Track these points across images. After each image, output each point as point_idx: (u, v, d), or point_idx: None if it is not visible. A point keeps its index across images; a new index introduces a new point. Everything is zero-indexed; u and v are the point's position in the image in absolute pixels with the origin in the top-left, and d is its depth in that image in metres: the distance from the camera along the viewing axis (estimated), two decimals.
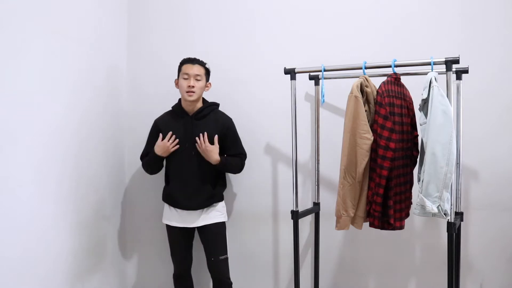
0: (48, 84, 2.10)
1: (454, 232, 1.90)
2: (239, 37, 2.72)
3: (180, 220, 2.41)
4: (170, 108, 2.50)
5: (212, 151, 2.31)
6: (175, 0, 2.84)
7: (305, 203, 2.59)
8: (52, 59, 2.13)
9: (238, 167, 2.46)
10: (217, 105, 2.48)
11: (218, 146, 2.33)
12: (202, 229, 2.41)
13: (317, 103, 2.50)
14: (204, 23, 2.78)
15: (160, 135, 2.37)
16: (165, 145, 2.34)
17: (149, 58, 2.87)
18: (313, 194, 2.59)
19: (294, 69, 2.28)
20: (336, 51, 2.54)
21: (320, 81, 2.24)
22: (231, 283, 2.44)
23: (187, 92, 2.32)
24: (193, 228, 2.45)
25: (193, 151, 2.35)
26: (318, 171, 2.50)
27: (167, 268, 2.77)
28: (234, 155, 2.44)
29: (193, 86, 2.31)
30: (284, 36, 2.65)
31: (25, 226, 1.94)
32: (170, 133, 2.36)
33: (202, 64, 2.38)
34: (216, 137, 2.35)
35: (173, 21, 2.83)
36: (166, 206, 2.48)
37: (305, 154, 2.61)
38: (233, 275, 2.52)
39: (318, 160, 2.50)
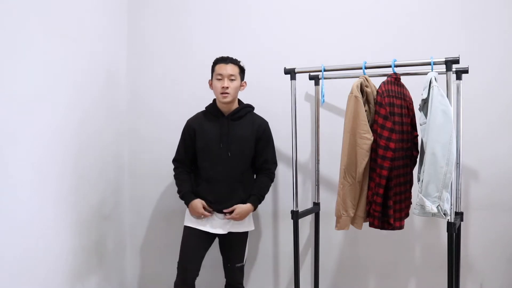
0: (48, 84, 2.10)
1: (454, 232, 1.90)
2: (239, 37, 2.72)
3: (207, 224, 2.27)
4: (204, 109, 2.39)
5: (243, 214, 2.24)
6: (175, 0, 2.84)
7: (305, 203, 2.59)
8: (52, 59, 2.13)
9: (269, 186, 2.37)
10: (252, 107, 2.40)
11: (243, 206, 2.25)
12: (227, 236, 2.29)
13: (317, 103, 2.50)
14: (204, 23, 2.78)
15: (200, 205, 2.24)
16: (199, 212, 2.24)
17: (149, 58, 2.87)
18: (313, 194, 2.59)
19: (294, 69, 2.28)
20: (336, 51, 2.54)
21: (320, 81, 2.24)
22: (241, 287, 2.38)
23: (221, 93, 2.23)
24: (215, 235, 2.32)
25: (228, 152, 2.25)
26: (318, 171, 2.50)
27: (167, 268, 2.76)
28: (261, 166, 2.33)
29: (227, 87, 2.22)
30: (284, 36, 2.65)
31: (25, 226, 1.94)
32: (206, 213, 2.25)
33: (236, 62, 2.29)
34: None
35: (173, 21, 2.83)
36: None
37: (305, 154, 2.61)
38: None
39: (318, 160, 2.50)
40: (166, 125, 2.78)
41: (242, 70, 2.33)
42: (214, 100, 2.37)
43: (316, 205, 2.51)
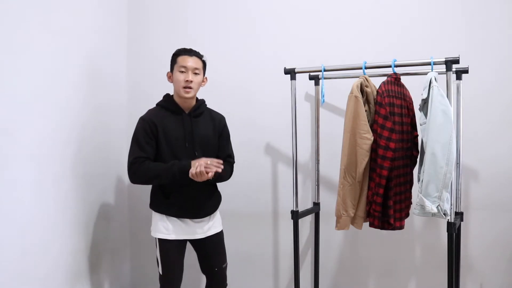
0: (48, 84, 2.10)
1: (454, 232, 1.90)
2: (240, 37, 2.72)
3: (182, 231, 2.09)
4: (155, 105, 2.16)
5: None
6: (175, 1, 2.84)
7: (305, 203, 2.59)
8: (52, 59, 2.14)
9: (228, 175, 2.19)
10: (205, 102, 2.23)
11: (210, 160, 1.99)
12: (204, 240, 2.15)
13: (317, 103, 2.50)
14: (204, 23, 2.78)
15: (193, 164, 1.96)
16: (201, 170, 1.94)
17: (149, 58, 2.87)
18: (313, 194, 2.59)
19: (294, 69, 2.28)
20: (336, 51, 2.54)
21: (320, 81, 2.24)
22: (226, 285, 2.30)
23: (184, 87, 2.04)
24: (186, 241, 2.16)
25: (195, 152, 2.07)
26: (318, 171, 2.50)
27: None
28: (224, 159, 2.15)
29: (191, 81, 2.04)
30: (284, 36, 2.65)
31: (25, 226, 1.94)
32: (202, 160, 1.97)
33: (199, 56, 2.11)
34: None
35: (173, 22, 2.83)
36: (158, 217, 2.10)
37: (305, 154, 2.61)
38: (233, 276, 2.49)
39: (318, 160, 2.50)
40: None
41: (205, 65, 2.15)
42: (168, 95, 2.17)
43: (316, 205, 2.51)
